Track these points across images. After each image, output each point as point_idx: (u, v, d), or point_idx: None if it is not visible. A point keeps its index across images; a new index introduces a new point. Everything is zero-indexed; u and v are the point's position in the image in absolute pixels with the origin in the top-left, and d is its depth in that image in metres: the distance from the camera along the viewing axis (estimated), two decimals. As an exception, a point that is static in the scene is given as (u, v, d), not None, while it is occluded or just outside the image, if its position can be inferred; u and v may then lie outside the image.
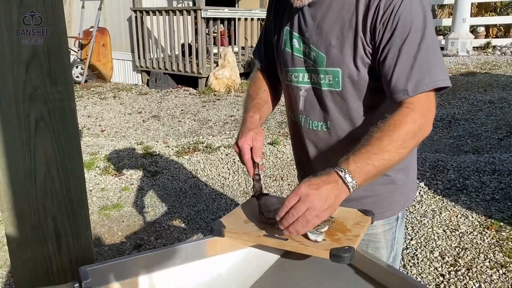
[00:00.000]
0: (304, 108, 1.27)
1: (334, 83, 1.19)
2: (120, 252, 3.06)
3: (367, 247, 1.33)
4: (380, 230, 1.32)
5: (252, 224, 1.23)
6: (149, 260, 1.11)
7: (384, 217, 1.32)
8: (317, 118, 1.26)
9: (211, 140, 4.99)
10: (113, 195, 3.85)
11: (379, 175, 1.08)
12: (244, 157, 1.21)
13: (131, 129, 5.69)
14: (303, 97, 1.27)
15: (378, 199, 1.31)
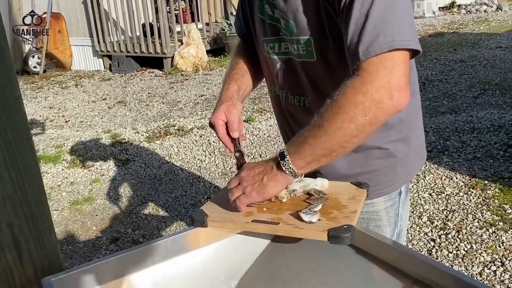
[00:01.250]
0: (283, 82, 1.15)
1: (307, 54, 1.06)
2: (96, 247, 2.88)
3: (368, 225, 1.22)
4: (381, 207, 1.21)
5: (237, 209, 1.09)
6: (123, 261, 0.99)
7: (384, 194, 1.20)
8: (296, 93, 1.14)
9: (183, 122, 4.80)
10: (83, 188, 3.64)
11: (328, 158, 0.98)
12: (218, 134, 1.13)
13: (97, 117, 5.42)
14: (281, 70, 1.14)
15: (376, 174, 1.18)
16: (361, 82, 0.89)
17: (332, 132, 0.92)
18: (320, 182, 1.18)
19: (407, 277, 0.97)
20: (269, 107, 5.01)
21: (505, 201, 2.76)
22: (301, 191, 1.15)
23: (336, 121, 0.91)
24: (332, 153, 0.96)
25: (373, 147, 1.15)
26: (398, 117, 1.12)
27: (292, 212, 1.07)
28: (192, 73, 7.03)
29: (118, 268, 0.97)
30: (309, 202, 1.10)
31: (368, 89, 0.88)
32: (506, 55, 6.02)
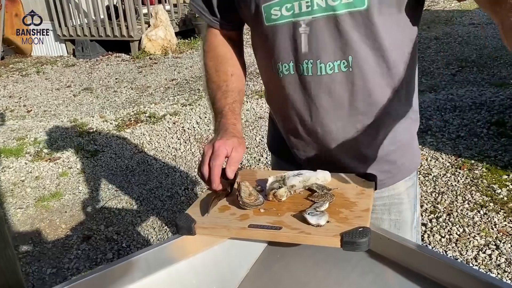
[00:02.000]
0: (310, 49, 0.95)
1: (356, 1, 0.88)
2: (66, 247, 2.66)
3: (390, 212, 1.10)
4: (403, 188, 1.09)
5: (230, 212, 0.94)
6: (97, 283, 0.85)
7: (411, 172, 1.09)
8: (331, 58, 0.94)
9: (154, 108, 4.56)
10: (50, 183, 3.39)
11: None
12: (215, 161, 0.91)
13: (61, 105, 5.10)
14: (306, 34, 0.94)
15: (402, 151, 1.07)
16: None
17: None
18: (322, 175, 1.02)
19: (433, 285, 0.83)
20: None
21: (493, 181, 2.70)
22: (301, 187, 0.99)
23: None
24: None
25: (402, 116, 1.03)
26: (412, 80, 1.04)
27: (295, 213, 0.91)
28: (161, 57, 6.73)
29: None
30: (312, 200, 0.95)
31: None
32: (479, 31, 6.00)
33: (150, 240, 2.67)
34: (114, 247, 2.62)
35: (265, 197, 0.95)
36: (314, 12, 0.91)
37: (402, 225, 1.10)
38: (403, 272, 0.87)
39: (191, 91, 5.02)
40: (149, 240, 2.67)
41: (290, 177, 1.00)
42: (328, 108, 0.99)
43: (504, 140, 3.15)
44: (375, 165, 1.05)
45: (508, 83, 4.09)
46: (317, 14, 0.91)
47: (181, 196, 3.06)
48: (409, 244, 0.88)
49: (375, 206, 1.08)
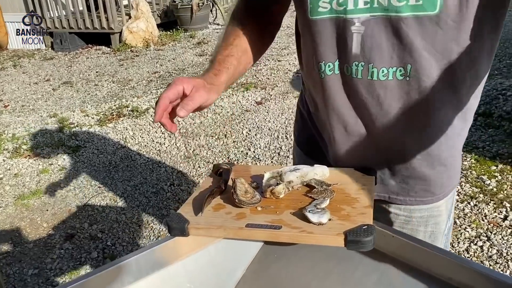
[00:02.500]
0: (363, 50, 0.83)
1: (426, 3, 0.75)
2: (48, 247, 2.57)
3: (427, 225, 1.02)
4: (443, 202, 1.01)
5: (225, 211, 0.88)
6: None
7: (454, 188, 1.02)
8: (386, 63, 0.83)
9: (137, 102, 4.45)
10: (30, 181, 3.27)
11: None
12: (164, 92, 0.82)
13: (40, 100, 4.94)
14: (359, 34, 0.82)
15: (450, 168, 0.98)
16: None
17: None
18: (320, 170, 0.97)
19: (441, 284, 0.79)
20: (229, 83, 4.74)
21: (482, 172, 2.69)
22: (298, 183, 0.94)
23: None
24: None
25: (458, 134, 0.94)
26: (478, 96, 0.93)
27: (294, 210, 0.87)
28: (142, 49, 6.59)
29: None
30: (311, 197, 0.90)
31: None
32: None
33: (136, 237, 2.59)
34: (99, 246, 2.54)
35: (262, 194, 0.90)
36: (373, 10, 0.80)
37: (437, 236, 1.03)
38: (409, 270, 0.83)
39: (175, 84, 4.92)
40: (135, 238, 2.60)
41: (287, 173, 0.95)
42: (376, 115, 0.90)
43: (491, 131, 3.16)
44: (418, 183, 0.96)
45: (493, 73, 4.11)
46: (377, 13, 0.80)
47: (167, 192, 2.98)
48: (415, 242, 0.84)
49: (412, 217, 1.00)
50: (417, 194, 0.97)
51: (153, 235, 2.60)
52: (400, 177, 0.96)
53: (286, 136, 3.54)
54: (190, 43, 6.65)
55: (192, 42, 6.72)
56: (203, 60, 5.77)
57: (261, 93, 4.42)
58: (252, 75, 4.93)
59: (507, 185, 2.55)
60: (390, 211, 1.02)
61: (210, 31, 7.26)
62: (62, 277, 2.35)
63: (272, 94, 4.36)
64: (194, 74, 5.21)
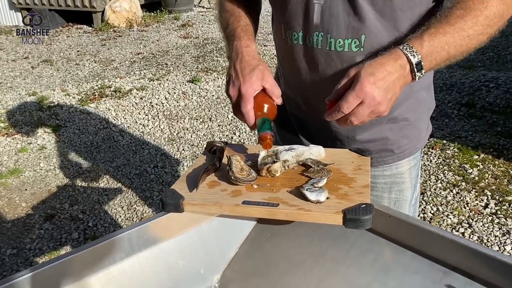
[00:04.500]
0: (322, 21, 0.89)
1: None
2: (27, 227, 2.51)
3: (390, 191, 1.07)
4: (405, 167, 1.06)
5: (220, 188, 0.86)
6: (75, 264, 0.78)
7: (416, 150, 1.06)
8: (342, 34, 0.89)
9: (119, 83, 4.36)
10: (8, 159, 3.18)
11: (442, 66, 0.83)
12: (245, 107, 0.87)
13: (19, 78, 4.80)
14: (319, 5, 0.88)
15: (412, 126, 1.03)
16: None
17: (471, 44, 0.80)
18: (316, 150, 0.97)
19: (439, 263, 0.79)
20: (214, 67, 4.68)
21: (464, 161, 2.73)
22: (294, 162, 0.93)
23: (481, 31, 0.79)
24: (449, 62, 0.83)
25: (420, 89, 0.99)
26: None
27: (291, 189, 0.85)
28: (125, 29, 6.45)
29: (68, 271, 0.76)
30: (308, 176, 0.89)
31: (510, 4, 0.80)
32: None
33: (118, 219, 2.55)
34: (80, 227, 2.49)
35: (257, 172, 0.88)
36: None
37: (402, 204, 1.07)
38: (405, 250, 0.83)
39: (159, 66, 4.83)
40: (117, 219, 2.55)
41: (283, 152, 0.94)
42: (334, 84, 0.93)
43: (474, 121, 3.20)
44: (377, 142, 1.01)
45: (476, 65, 4.16)
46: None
47: (150, 174, 2.94)
48: (412, 221, 0.84)
49: (376, 183, 1.05)
50: (378, 155, 1.01)
51: (136, 217, 2.57)
52: (360, 142, 1.02)
53: (271, 121, 3.53)
54: (174, 25, 6.54)
55: (176, 24, 6.60)
56: (188, 42, 5.68)
57: (247, 77, 4.38)
58: (237, 59, 4.88)
59: (488, 174, 2.60)
60: None
61: (195, 14, 7.14)
62: (42, 257, 2.30)
63: (257, 79, 4.33)
64: (178, 56, 5.12)
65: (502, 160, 2.70)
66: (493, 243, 2.11)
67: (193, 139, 3.34)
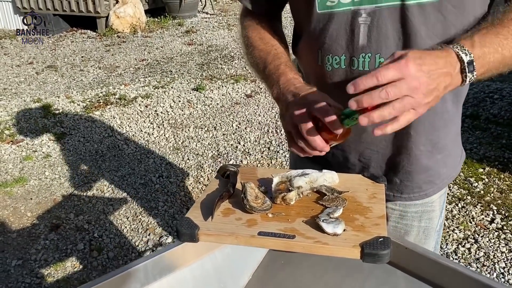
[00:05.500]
0: (369, 41, 0.85)
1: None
2: (32, 237, 2.51)
3: (420, 219, 1.04)
4: (437, 196, 1.03)
5: (235, 216, 0.86)
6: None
7: (452, 179, 1.04)
8: (391, 52, 0.83)
9: (124, 90, 4.36)
10: (13, 167, 3.18)
11: (495, 72, 0.77)
12: (307, 131, 0.78)
13: (23, 83, 4.81)
14: (365, 25, 0.84)
15: (447, 158, 1.00)
16: None
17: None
18: (329, 175, 0.96)
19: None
20: (219, 74, 4.69)
21: (470, 174, 2.73)
22: (308, 188, 0.93)
23: None
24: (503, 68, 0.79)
25: (451, 121, 0.96)
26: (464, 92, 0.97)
27: (306, 218, 0.85)
28: (129, 35, 6.46)
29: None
30: (323, 205, 0.88)
31: None
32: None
33: (124, 230, 2.56)
34: (86, 237, 2.49)
35: (271, 200, 0.88)
36: (379, 1, 0.82)
37: (430, 232, 1.05)
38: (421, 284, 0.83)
39: (163, 73, 4.84)
40: (123, 230, 2.56)
41: (296, 178, 0.93)
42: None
43: (478, 133, 3.20)
44: (421, 175, 0.97)
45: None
46: (382, 3, 0.82)
47: (155, 184, 2.94)
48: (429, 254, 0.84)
49: (407, 212, 1.03)
50: (421, 189, 0.99)
51: (141, 228, 2.57)
52: (404, 173, 0.98)
53: (276, 131, 3.53)
54: (178, 31, 6.55)
55: (180, 30, 6.61)
56: (192, 49, 5.69)
57: (251, 85, 4.39)
58: (241, 67, 4.89)
59: (493, 187, 2.60)
60: (386, 206, 1.04)
61: (198, 20, 7.16)
62: (47, 268, 2.30)
63: (262, 87, 4.33)
64: (183, 63, 5.13)
65: (507, 174, 2.70)
66: (500, 259, 2.11)
67: (198, 148, 3.35)
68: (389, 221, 1.04)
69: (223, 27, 6.65)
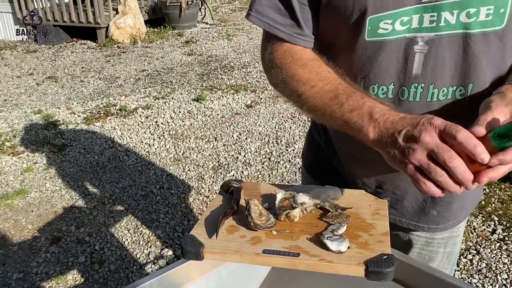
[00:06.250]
0: (424, 71, 0.78)
1: (494, 18, 0.73)
2: (34, 250, 2.51)
3: (446, 245, 1.02)
4: (462, 223, 1.04)
5: (239, 234, 0.86)
6: None
7: (473, 209, 1.05)
8: (446, 83, 0.79)
9: (125, 101, 4.37)
10: (14, 179, 3.18)
11: None
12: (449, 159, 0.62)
13: (24, 95, 4.82)
14: (422, 54, 0.77)
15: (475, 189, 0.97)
16: None
17: None
18: (332, 192, 0.97)
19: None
20: (219, 85, 4.71)
21: (470, 184, 2.73)
22: (311, 205, 0.93)
23: None
24: None
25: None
26: None
27: (310, 236, 0.85)
28: (129, 45, 6.49)
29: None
30: (326, 221, 0.89)
31: None
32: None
33: (125, 242, 2.55)
34: (87, 250, 2.49)
35: (275, 216, 0.89)
36: (440, 29, 0.76)
37: (453, 256, 1.04)
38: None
39: (163, 84, 4.86)
40: (124, 242, 2.55)
41: (300, 194, 0.94)
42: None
43: (478, 143, 3.21)
44: (454, 204, 0.96)
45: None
46: (443, 31, 0.76)
47: (156, 195, 2.94)
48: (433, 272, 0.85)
49: (434, 239, 1.00)
50: (456, 217, 0.98)
51: (143, 240, 2.56)
52: (444, 204, 0.95)
53: (276, 141, 3.54)
54: (178, 42, 6.58)
55: (180, 40, 6.65)
56: (192, 59, 5.72)
57: (251, 96, 4.40)
58: (241, 77, 4.91)
59: (494, 198, 2.60)
60: (412, 233, 1.02)
61: (198, 30, 7.20)
62: (49, 282, 2.30)
63: (262, 98, 4.34)
64: (183, 74, 5.15)
65: (508, 184, 2.70)
66: (502, 270, 2.11)
67: (199, 159, 3.35)
68: (413, 247, 1.02)
69: (222, 37, 6.68)
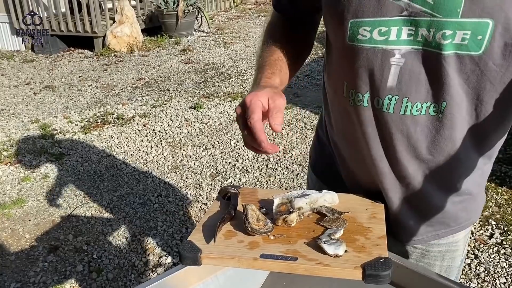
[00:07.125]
0: (399, 84, 0.80)
1: (471, 44, 0.73)
2: (31, 259, 2.50)
3: (443, 259, 1.02)
4: (462, 235, 1.01)
5: (237, 239, 0.87)
6: None
7: (471, 224, 1.02)
8: (421, 98, 0.80)
9: (122, 109, 4.38)
10: (11, 189, 3.18)
11: None
12: (252, 117, 0.76)
13: (21, 104, 4.82)
14: (398, 66, 0.79)
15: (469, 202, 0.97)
16: None
17: None
18: (330, 196, 0.97)
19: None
20: (216, 92, 4.72)
21: (468, 189, 2.74)
22: (308, 209, 0.94)
23: None
24: None
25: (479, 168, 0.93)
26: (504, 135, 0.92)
27: (307, 240, 0.86)
28: (126, 54, 6.51)
29: None
30: (324, 226, 0.89)
31: None
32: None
33: (123, 251, 2.54)
34: (85, 259, 2.48)
35: (273, 221, 0.89)
36: (417, 43, 0.77)
37: (452, 270, 1.03)
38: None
39: (160, 92, 4.87)
40: (122, 251, 2.54)
41: (297, 199, 0.94)
42: (401, 150, 0.87)
43: (475, 148, 3.22)
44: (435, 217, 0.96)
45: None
46: (419, 46, 0.77)
47: (154, 203, 2.94)
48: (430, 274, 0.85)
49: (430, 252, 1.00)
50: (432, 228, 0.97)
51: (140, 248, 2.56)
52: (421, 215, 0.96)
53: (274, 148, 3.54)
54: (175, 50, 6.61)
55: (177, 48, 6.67)
56: (189, 67, 5.74)
57: (248, 103, 4.41)
58: (238, 85, 4.93)
59: (492, 202, 2.61)
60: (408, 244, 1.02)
61: (195, 38, 7.23)
62: (46, 291, 2.29)
63: (259, 105, 4.36)
64: (180, 82, 5.17)
65: (505, 188, 2.71)
66: (500, 274, 2.11)
67: (196, 167, 3.35)
68: (410, 259, 1.01)
69: (219, 45, 6.71)
